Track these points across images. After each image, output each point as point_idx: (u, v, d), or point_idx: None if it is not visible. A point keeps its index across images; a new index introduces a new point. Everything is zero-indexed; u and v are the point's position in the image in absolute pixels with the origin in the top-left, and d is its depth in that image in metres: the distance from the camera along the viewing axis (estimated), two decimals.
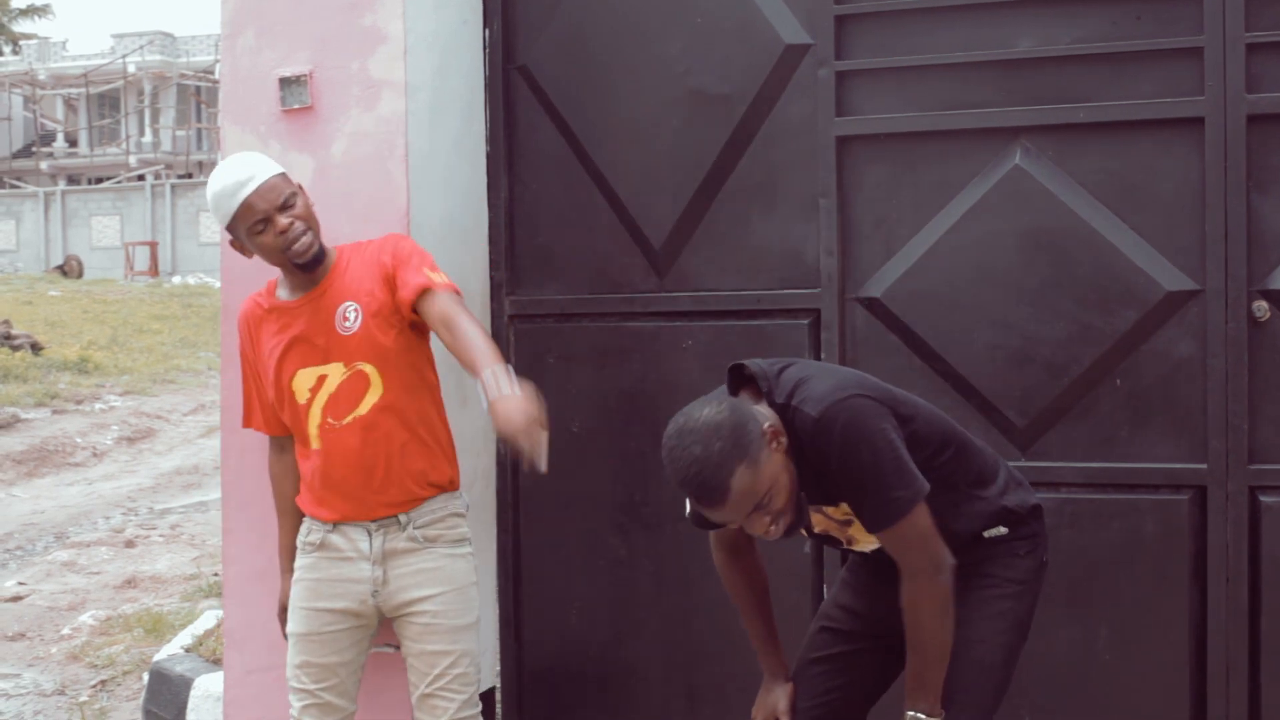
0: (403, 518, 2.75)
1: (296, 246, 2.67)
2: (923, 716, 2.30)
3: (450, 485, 2.83)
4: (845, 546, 2.50)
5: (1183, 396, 2.88)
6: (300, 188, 2.75)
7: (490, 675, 3.45)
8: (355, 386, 2.72)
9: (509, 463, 3.43)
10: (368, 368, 2.71)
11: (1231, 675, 2.84)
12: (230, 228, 2.73)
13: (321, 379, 2.73)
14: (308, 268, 2.71)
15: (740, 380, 2.34)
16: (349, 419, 2.71)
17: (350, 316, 2.72)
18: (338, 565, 2.76)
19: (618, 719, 3.37)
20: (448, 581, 2.77)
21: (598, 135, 3.33)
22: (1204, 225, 2.84)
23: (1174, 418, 2.89)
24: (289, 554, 2.89)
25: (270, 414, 2.87)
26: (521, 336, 3.42)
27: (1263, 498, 2.83)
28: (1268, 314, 2.82)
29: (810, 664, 2.58)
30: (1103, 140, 2.92)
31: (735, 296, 3.20)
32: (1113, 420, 2.93)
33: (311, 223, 2.71)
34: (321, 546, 2.78)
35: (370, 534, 2.75)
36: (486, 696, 3.42)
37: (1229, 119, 2.81)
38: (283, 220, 2.66)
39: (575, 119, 3.35)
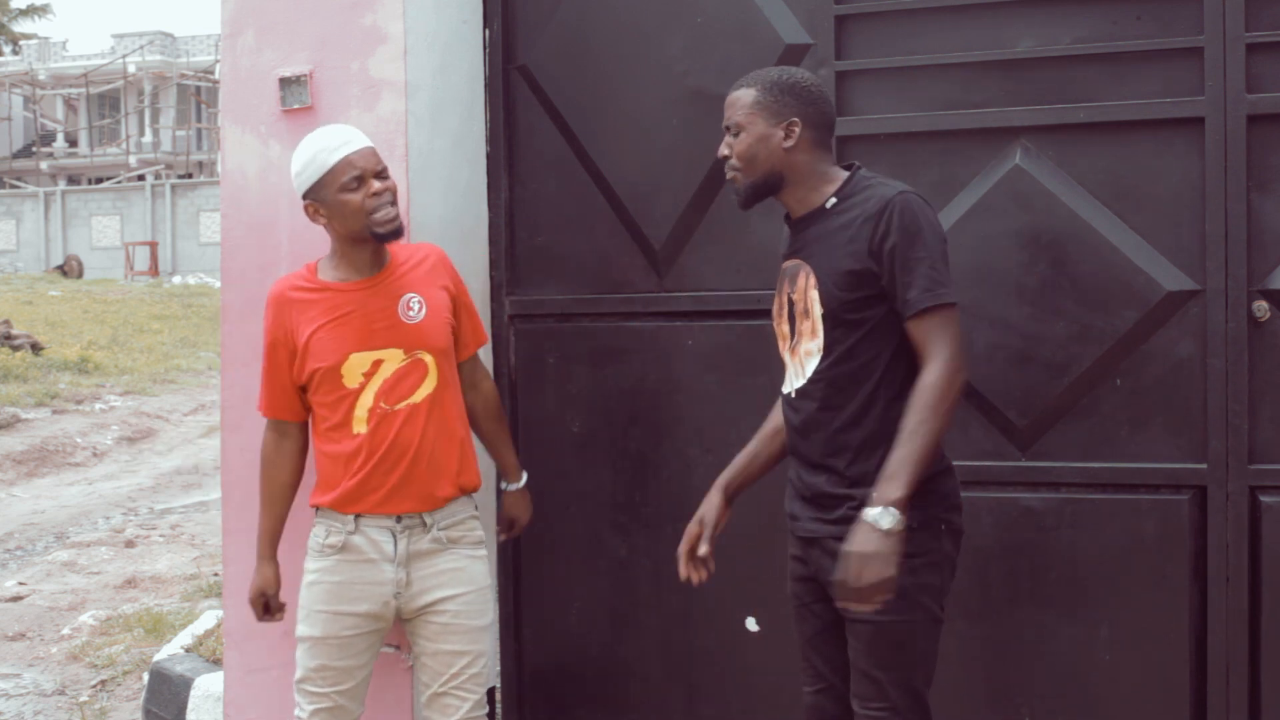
0: (427, 518, 2.77)
1: (381, 214, 2.70)
2: (888, 513, 2.20)
3: (473, 489, 2.87)
4: (789, 343, 2.53)
5: (1183, 396, 2.88)
6: None
7: (490, 675, 3.45)
8: (413, 373, 2.75)
9: None
10: (427, 358, 2.77)
11: (1231, 675, 2.84)
12: (315, 187, 2.72)
13: (377, 364, 2.75)
14: (384, 238, 2.73)
15: None
16: (402, 405, 2.74)
17: (415, 306, 2.77)
18: (360, 568, 2.76)
19: (617, 719, 3.37)
20: (469, 582, 2.80)
21: (598, 135, 3.33)
22: (1204, 225, 2.84)
23: (1174, 418, 2.89)
24: (271, 540, 2.86)
25: (291, 398, 2.83)
26: (521, 336, 3.42)
27: (1263, 498, 2.83)
28: (1268, 314, 2.82)
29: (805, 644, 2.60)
30: (1103, 140, 2.91)
31: (735, 296, 3.19)
32: (1113, 420, 2.93)
33: (397, 201, 2.76)
34: (343, 549, 2.76)
35: (395, 535, 2.76)
36: (487, 696, 3.42)
37: (1229, 119, 2.81)
38: (377, 184, 2.71)
39: (575, 119, 3.35)
